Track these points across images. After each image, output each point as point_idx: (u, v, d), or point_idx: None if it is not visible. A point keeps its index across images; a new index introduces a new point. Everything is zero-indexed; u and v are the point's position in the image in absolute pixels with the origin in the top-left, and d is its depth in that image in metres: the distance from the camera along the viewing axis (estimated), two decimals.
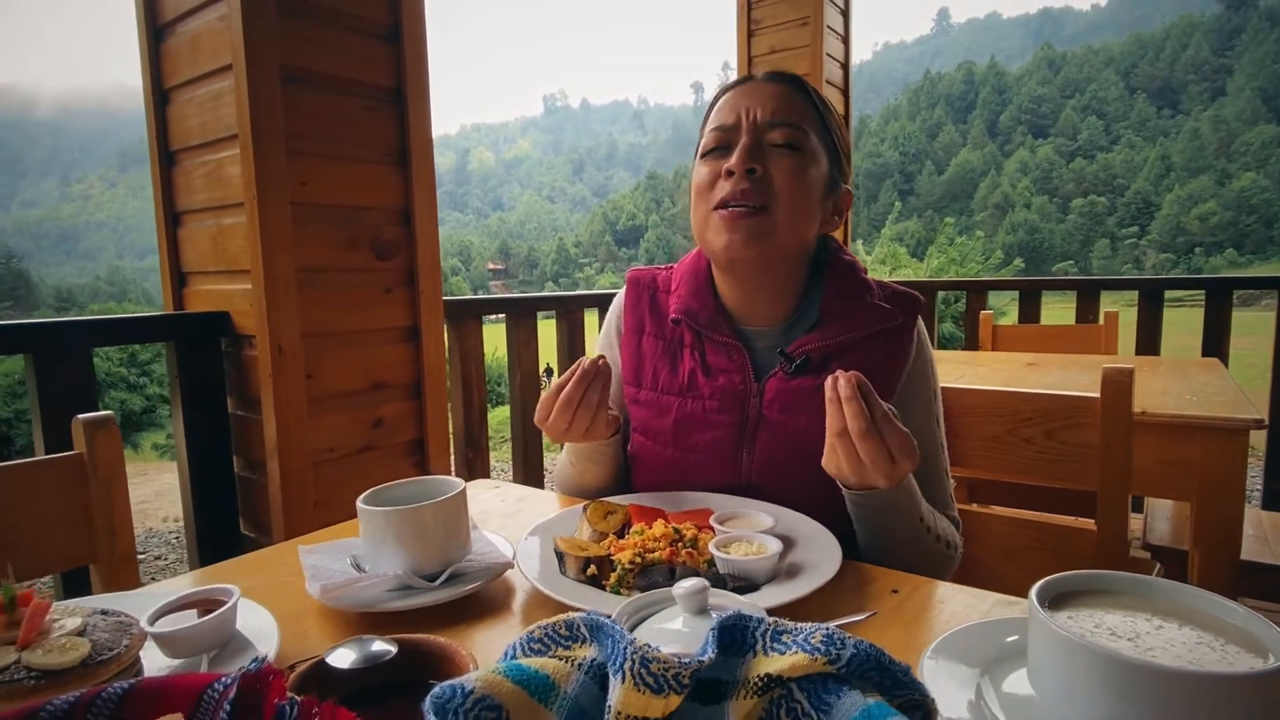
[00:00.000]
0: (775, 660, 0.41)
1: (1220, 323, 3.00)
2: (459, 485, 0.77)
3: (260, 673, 0.40)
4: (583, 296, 2.69)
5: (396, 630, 0.56)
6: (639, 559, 0.73)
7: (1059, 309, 3.79)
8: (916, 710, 0.41)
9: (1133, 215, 72.09)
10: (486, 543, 0.81)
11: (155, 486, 10.37)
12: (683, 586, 0.51)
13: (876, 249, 24.42)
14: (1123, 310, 2.70)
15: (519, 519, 0.99)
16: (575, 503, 1.01)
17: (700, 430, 1.00)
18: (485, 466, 2.31)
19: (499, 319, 2.57)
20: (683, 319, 1.04)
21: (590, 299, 2.71)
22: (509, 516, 1.01)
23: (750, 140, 0.95)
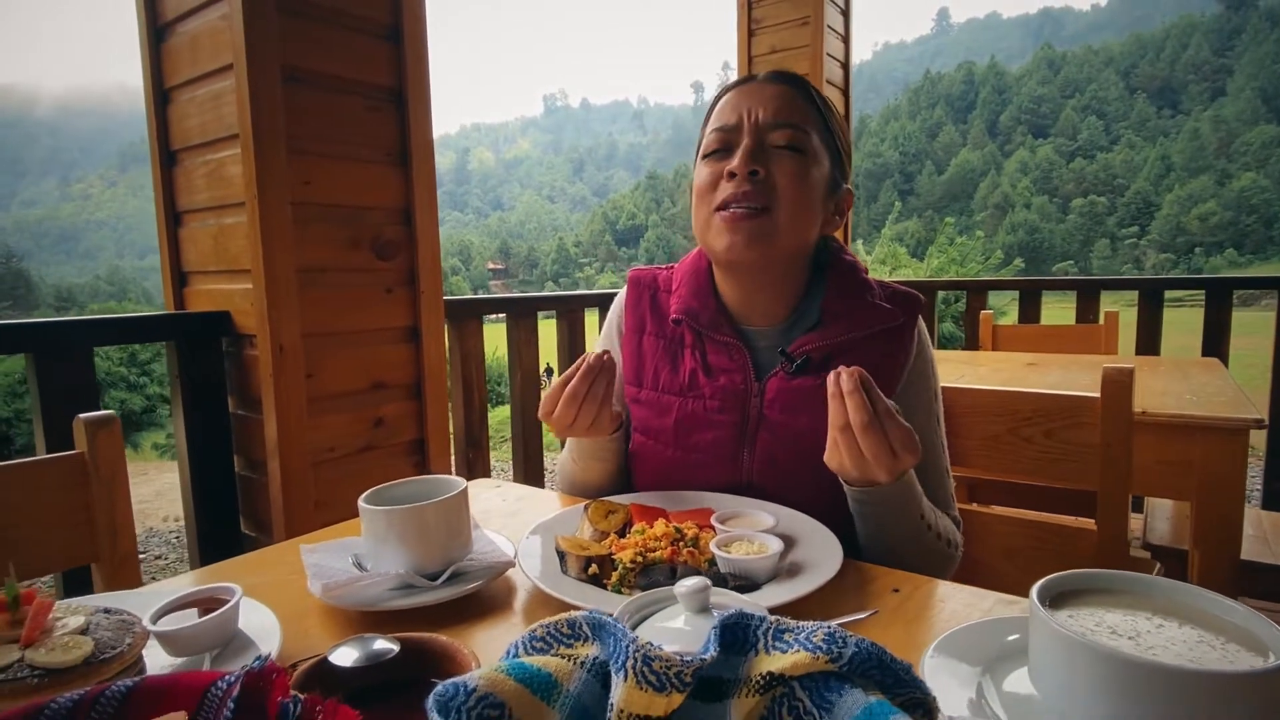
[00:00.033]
0: (777, 659, 0.41)
1: (1220, 323, 3.00)
2: (460, 484, 0.77)
3: (264, 671, 0.40)
4: (583, 296, 2.69)
5: (398, 629, 0.56)
6: (640, 558, 0.74)
7: (1059, 309, 3.79)
8: (918, 708, 0.41)
9: (1133, 215, 72.07)
10: (488, 542, 0.81)
11: (155, 486, 10.37)
12: (684, 585, 0.52)
13: (876, 249, 24.40)
14: (1123, 310, 2.70)
15: (520, 518, 0.99)
16: (576, 502, 1.01)
17: (701, 430, 1.00)
18: (485, 466, 2.31)
19: (499, 319, 2.57)
20: (683, 319, 1.04)
21: (590, 299, 2.71)
22: (510, 516, 1.01)
23: (752, 142, 0.95)
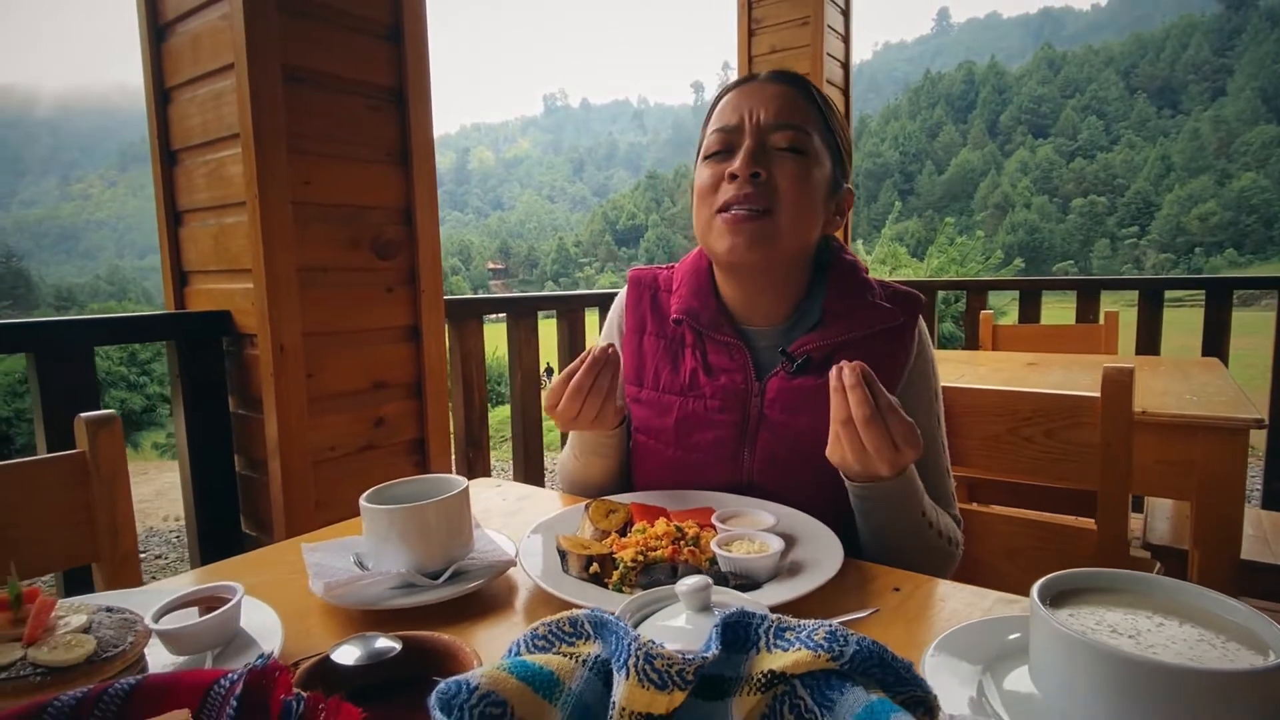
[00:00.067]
0: (778, 657, 0.41)
1: (1220, 323, 3.01)
2: (461, 483, 0.77)
3: (266, 669, 0.40)
4: (583, 296, 2.69)
5: (399, 628, 0.56)
6: (641, 557, 0.74)
7: (1059, 309, 3.79)
8: (919, 706, 0.41)
9: (1133, 215, 72.08)
10: (489, 541, 0.81)
11: (156, 485, 10.37)
12: (686, 584, 0.52)
13: (877, 249, 24.42)
14: (1123, 310, 2.70)
15: (520, 517, 0.99)
16: (577, 502, 1.01)
17: (702, 429, 1.00)
18: (486, 466, 2.31)
19: (499, 318, 2.57)
20: (684, 319, 1.04)
21: (591, 298, 2.70)
22: (510, 515, 1.01)
23: (754, 143, 0.94)
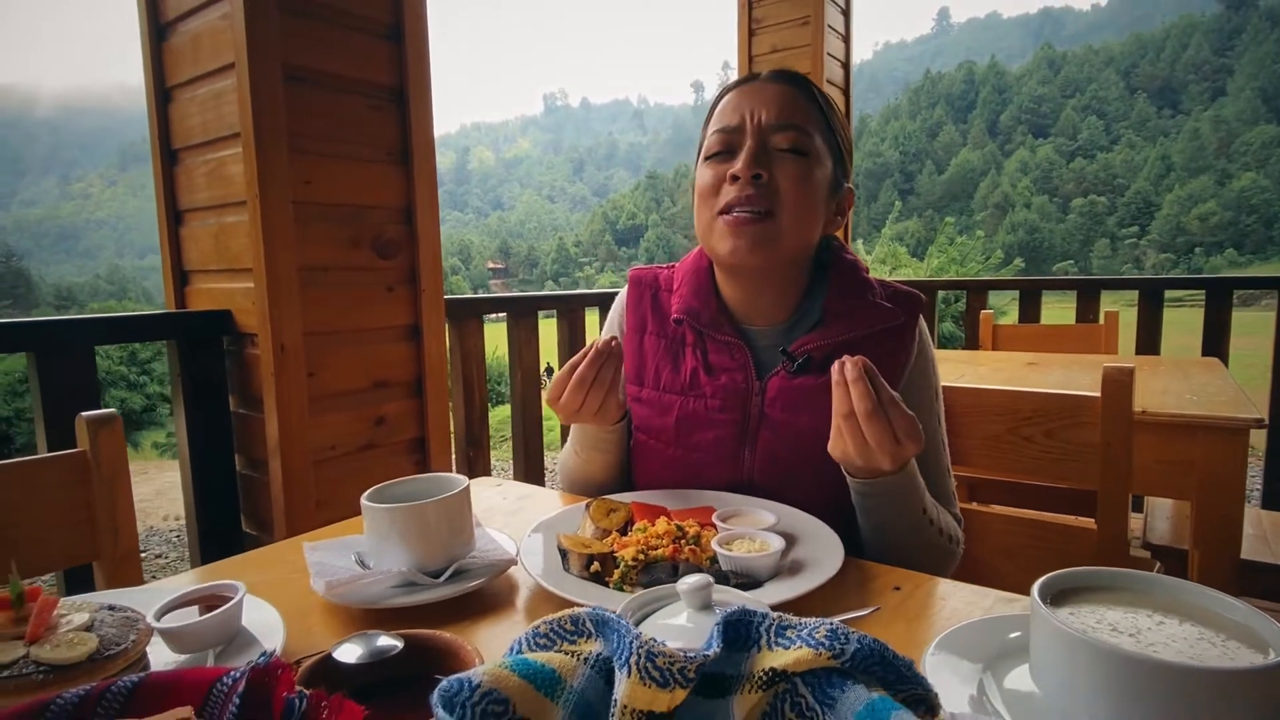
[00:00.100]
0: (780, 655, 0.42)
1: (1220, 323, 3.01)
2: (463, 482, 0.77)
3: (269, 667, 0.40)
4: (584, 295, 2.69)
5: (401, 627, 0.56)
6: (642, 556, 0.74)
7: (1059, 309, 3.79)
8: (920, 705, 0.41)
9: (1133, 215, 72.05)
10: (490, 540, 0.81)
11: (156, 485, 10.37)
12: (687, 582, 0.52)
13: (877, 248, 24.42)
14: (1123, 310, 2.70)
15: (521, 517, 0.99)
16: (578, 501, 1.01)
17: (702, 429, 1.00)
18: (486, 465, 2.31)
19: (500, 318, 2.57)
20: (685, 318, 1.04)
21: (591, 298, 2.71)
22: (511, 514, 1.01)
23: (755, 144, 0.94)
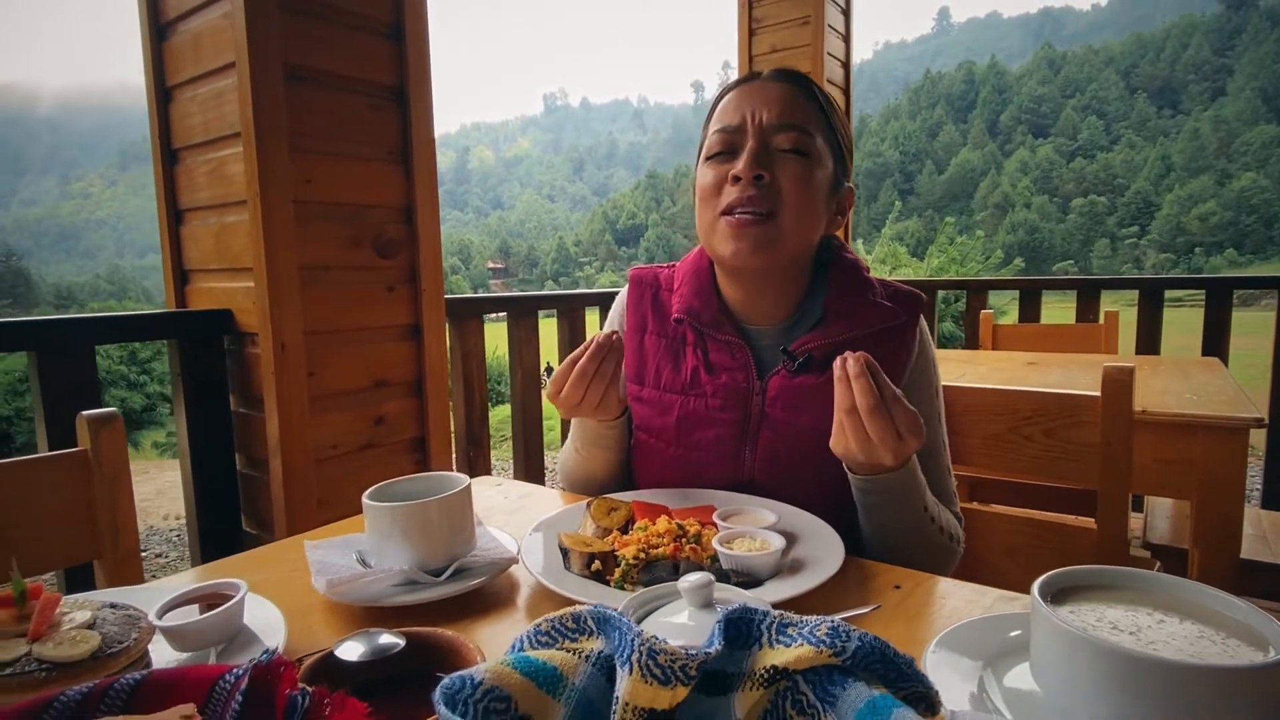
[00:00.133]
0: (781, 653, 0.42)
1: (1220, 322, 3.01)
2: (464, 481, 0.77)
3: (271, 664, 0.41)
4: (584, 295, 2.69)
5: (402, 625, 0.56)
6: (643, 554, 0.74)
7: (1059, 308, 3.79)
8: (921, 702, 0.41)
9: (1133, 215, 72.05)
10: (491, 539, 0.81)
11: (156, 484, 10.37)
12: (688, 580, 0.52)
13: (877, 248, 24.44)
14: (1123, 310, 2.70)
15: (522, 515, 0.99)
16: (578, 500, 1.01)
17: (703, 428, 1.00)
18: (486, 464, 2.31)
19: (500, 318, 2.57)
20: (685, 318, 1.04)
21: (591, 297, 2.70)
22: (512, 513, 1.01)
23: (757, 145, 0.94)
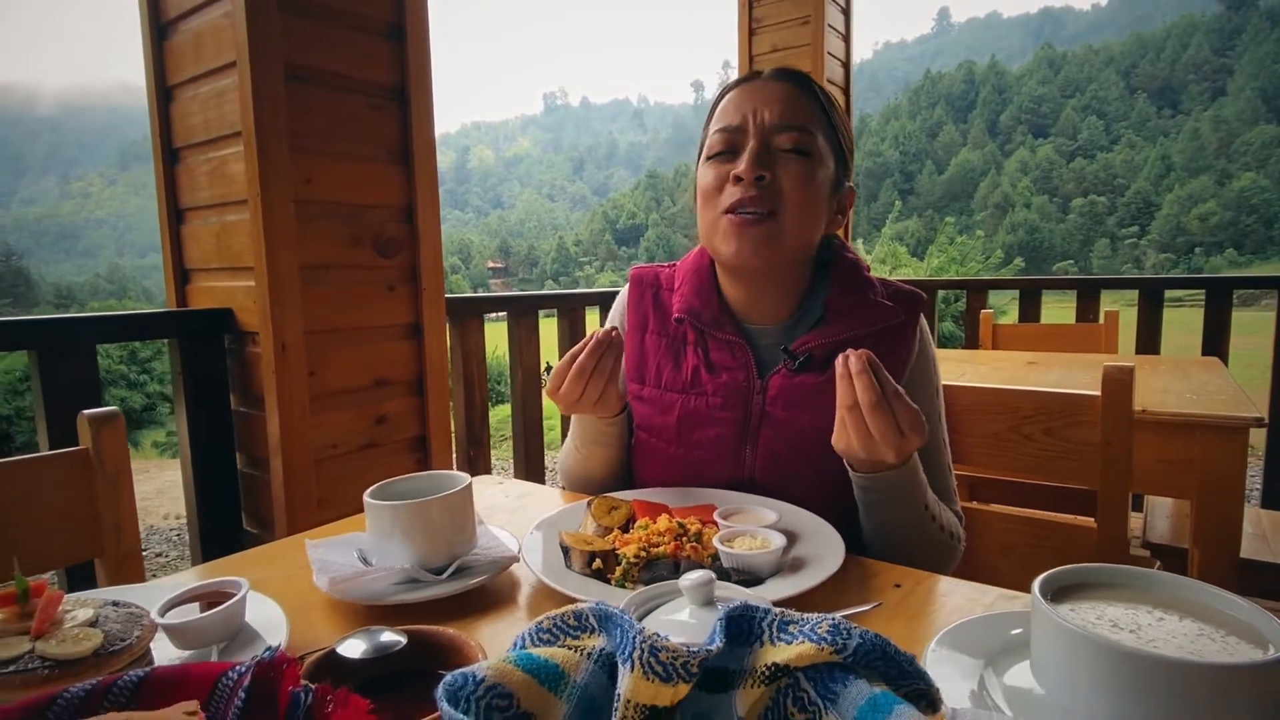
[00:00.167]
0: (782, 650, 0.42)
1: (1220, 322, 3.01)
2: (465, 480, 0.77)
3: (274, 661, 0.41)
4: (584, 295, 2.69)
5: (404, 623, 0.56)
6: (644, 553, 0.74)
7: (1059, 308, 3.79)
8: (921, 700, 0.41)
9: (1133, 215, 72.03)
10: (492, 537, 0.81)
11: (156, 484, 10.37)
12: (689, 578, 0.52)
13: (877, 248, 24.43)
14: (1123, 310, 2.70)
15: (523, 514, 0.99)
16: (579, 499, 1.01)
17: (703, 427, 1.00)
18: (486, 464, 2.31)
19: (500, 317, 2.57)
20: (686, 317, 1.04)
21: (592, 297, 2.70)
22: (513, 512, 1.02)
23: (758, 145, 0.94)
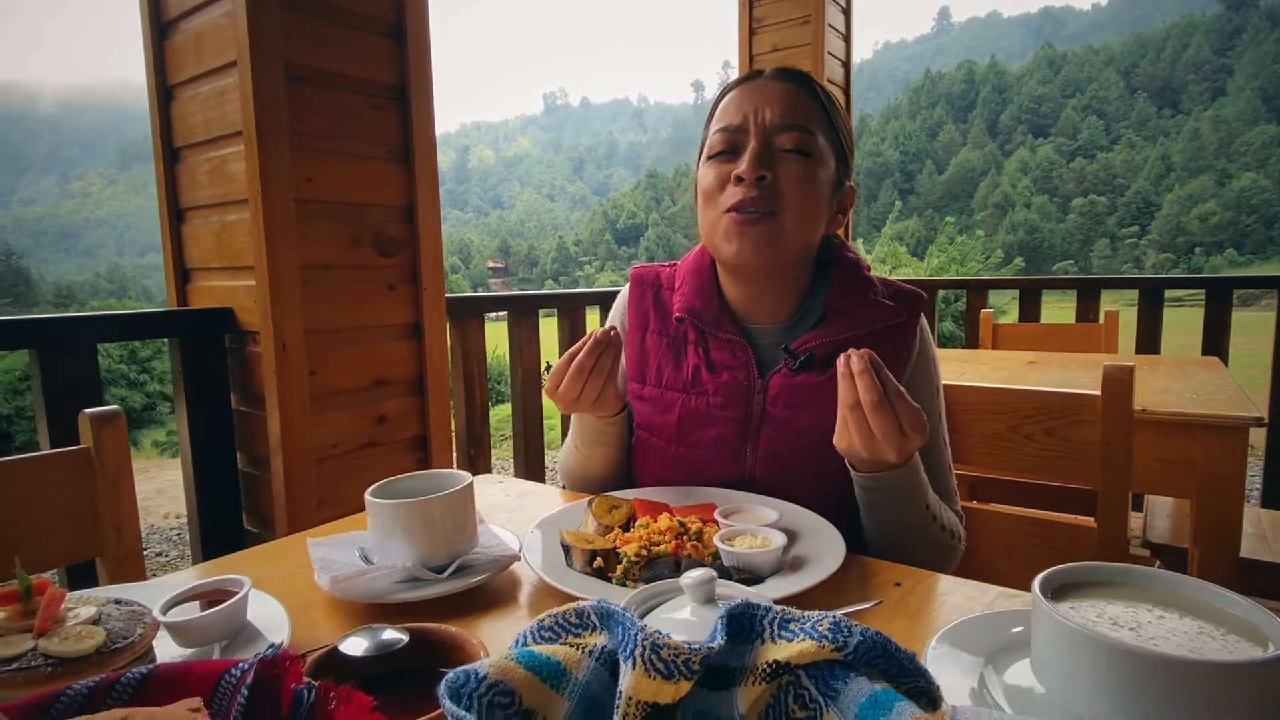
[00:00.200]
0: (783, 647, 0.42)
1: (1220, 322, 3.01)
2: (466, 478, 0.78)
3: (277, 658, 0.41)
4: (584, 294, 2.69)
5: (405, 621, 0.56)
6: (645, 552, 0.74)
7: (1059, 308, 3.79)
8: (922, 697, 0.41)
9: (1133, 215, 72.01)
10: (493, 536, 0.81)
11: (156, 483, 10.36)
12: (690, 576, 0.52)
13: (877, 248, 24.43)
14: (1123, 310, 2.70)
15: (524, 513, 0.99)
16: (580, 498, 1.01)
17: (704, 426, 1.00)
18: (487, 463, 2.31)
19: (500, 317, 2.57)
20: (686, 317, 1.04)
21: (591, 297, 2.70)
22: (513, 511, 1.02)
23: (759, 144, 0.94)
